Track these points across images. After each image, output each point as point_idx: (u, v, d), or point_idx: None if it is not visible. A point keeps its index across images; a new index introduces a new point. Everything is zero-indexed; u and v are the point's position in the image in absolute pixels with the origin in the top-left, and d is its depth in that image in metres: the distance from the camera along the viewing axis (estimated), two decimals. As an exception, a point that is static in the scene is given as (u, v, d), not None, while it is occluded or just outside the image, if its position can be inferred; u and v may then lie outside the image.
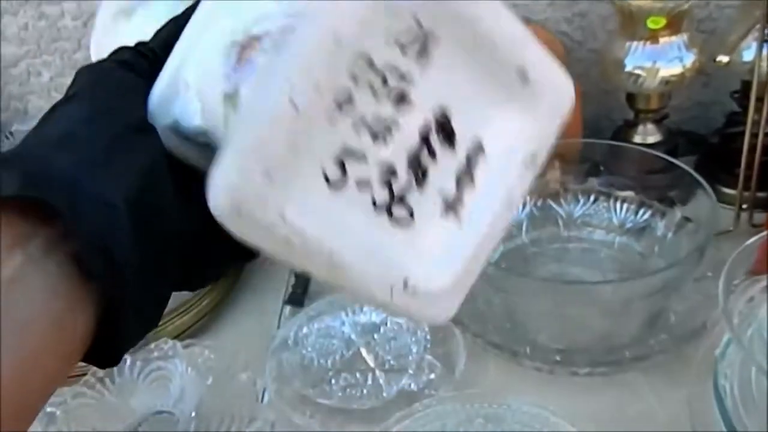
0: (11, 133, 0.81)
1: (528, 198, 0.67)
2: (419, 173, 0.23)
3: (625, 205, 0.64)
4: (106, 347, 0.23)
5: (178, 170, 0.24)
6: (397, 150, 0.22)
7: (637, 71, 0.66)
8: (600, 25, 0.75)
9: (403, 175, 0.23)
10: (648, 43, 0.65)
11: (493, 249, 0.25)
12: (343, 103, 0.21)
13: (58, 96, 0.80)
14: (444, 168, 0.23)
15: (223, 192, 0.20)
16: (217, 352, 0.54)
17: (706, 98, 0.78)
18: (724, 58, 0.53)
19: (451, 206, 0.24)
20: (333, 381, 0.55)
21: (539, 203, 0.67)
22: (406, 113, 0.22)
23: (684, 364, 0.49)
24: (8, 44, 0.79)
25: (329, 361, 0.56)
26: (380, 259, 0.23)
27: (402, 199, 0.23)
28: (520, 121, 0.24)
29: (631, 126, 0.72)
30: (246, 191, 0.20)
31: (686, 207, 0.60)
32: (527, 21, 0.73)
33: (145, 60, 0.24)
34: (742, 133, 0.61)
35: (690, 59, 0.65)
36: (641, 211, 0.64)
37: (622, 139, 0.72)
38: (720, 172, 0.69)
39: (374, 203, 0.22)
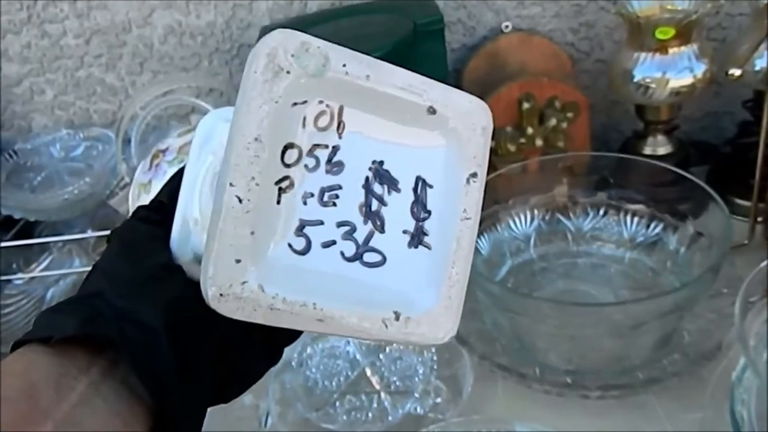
0: (15, 152, 0.81)
1: (535, 212, 0.66)
2: (376, 220, 0.27)
3: (635, 219, 0.63)
4: None
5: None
6: (349, 208, 0.27)
7: (646, 82, 0.64)
8: (607, 36, 0.73)
9: (362, 226, 0.27)
10: (657, 53, 0.63)
11: (469, 259, 0.28)
12: (285, 186, 0.25)
13: (61, 114, 0.81)
14: (397, 208, 0.27)
15: (208, 283, 0.24)
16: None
17: (717, 108, 0.76)
18: (736, 72, 0.51)
19: (415, 237, 0.28)
20: (337, 404, 0.54)
21: (547, 217, 0.65)
22: (345, 175, 0.26)
23: (699, 386, 0.48)
24: (11, 63, 0.79)
25: (334, 383, 0.55)
26: (366, 301, 0.26)
27: (370, 246, 0.27)
28: (446, 147, 0.28)
29: (640, 137, 0.70)
30: (224, 277, 0.24)
31: (698, 221, 0.58)
32: (533, 32, 0.72)
33: (157, 212, 0.29)
34: (756, 143, 0.59)
35: (701, 69, 0.64)
36: (652, 225, 0.62)
37: (632, 150, 0.70)
38: (733, 182, 0.67)
39: (343, 256, 0.26)
